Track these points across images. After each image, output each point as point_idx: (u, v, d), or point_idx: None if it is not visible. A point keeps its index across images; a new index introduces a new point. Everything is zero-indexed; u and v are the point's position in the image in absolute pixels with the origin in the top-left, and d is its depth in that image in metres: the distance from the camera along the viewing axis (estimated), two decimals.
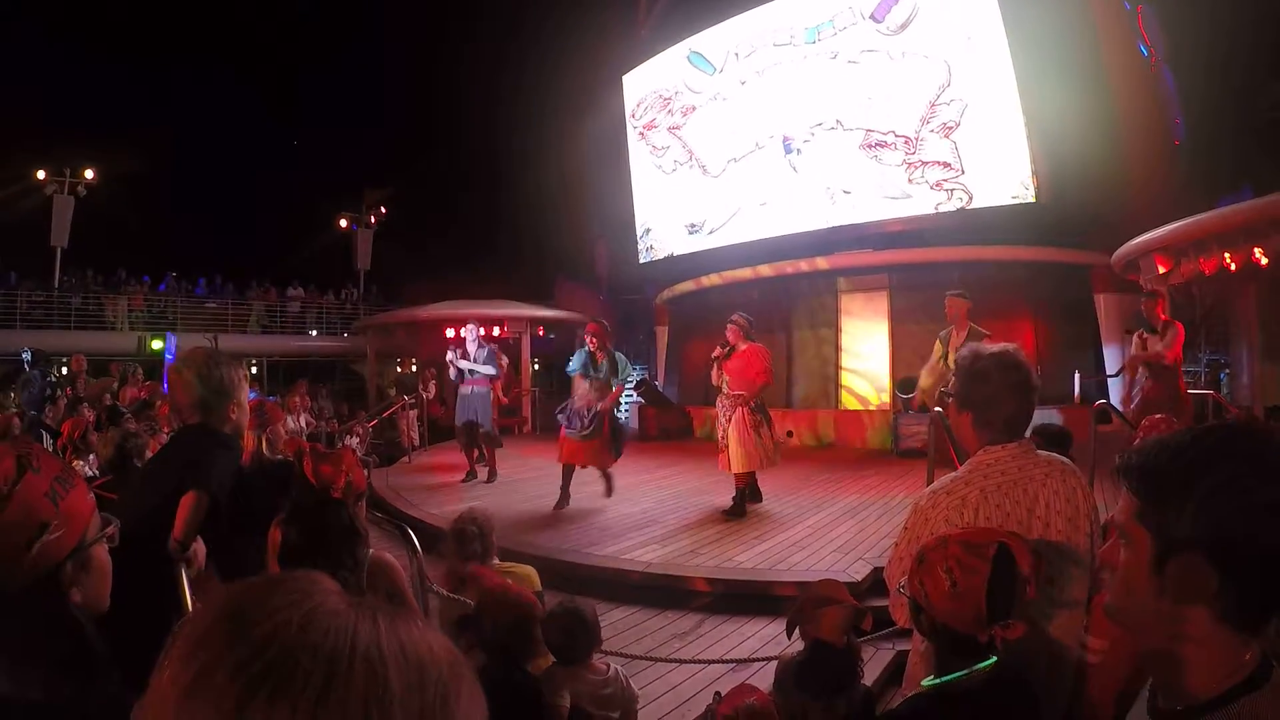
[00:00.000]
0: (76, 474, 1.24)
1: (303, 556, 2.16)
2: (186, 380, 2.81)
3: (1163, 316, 7.36)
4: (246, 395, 2.96)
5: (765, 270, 13.43)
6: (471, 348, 9.24)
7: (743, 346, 7.14)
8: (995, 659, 1.54)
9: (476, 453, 9.48)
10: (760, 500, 7.30)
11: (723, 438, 7.17)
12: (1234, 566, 0.89)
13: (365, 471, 2.54)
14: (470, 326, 9.52)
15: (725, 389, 7.20)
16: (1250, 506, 0.88)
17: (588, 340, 7.66)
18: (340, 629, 0.54)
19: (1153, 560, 0.94)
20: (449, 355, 9.33)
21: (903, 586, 1.75)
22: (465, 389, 9.25)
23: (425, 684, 0.54)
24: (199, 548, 2.61)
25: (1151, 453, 0.97)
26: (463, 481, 9.22)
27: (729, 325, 7.21)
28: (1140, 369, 7.18)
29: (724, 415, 7.19)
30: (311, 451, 2.42)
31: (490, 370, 9.23)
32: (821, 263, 12.73)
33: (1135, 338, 7.41)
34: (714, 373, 7.27)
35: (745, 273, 13.77)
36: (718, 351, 7.22)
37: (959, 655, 1.57)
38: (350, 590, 0.61)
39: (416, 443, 12.62)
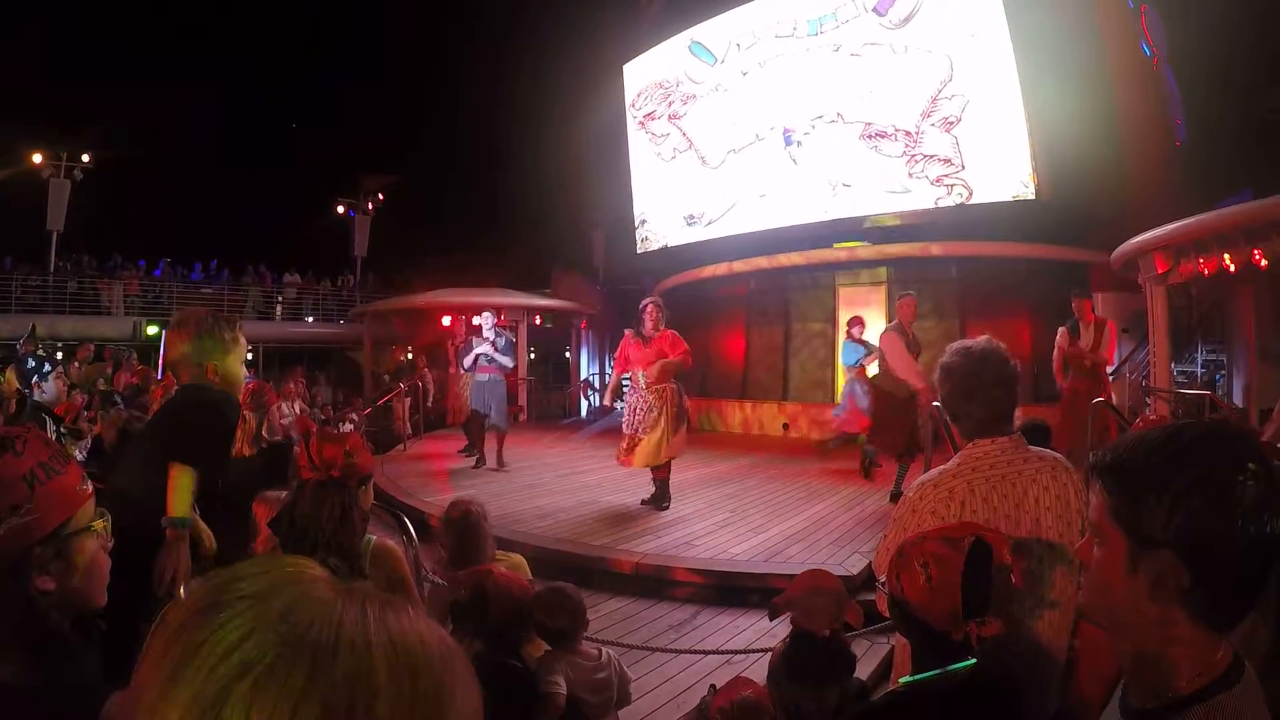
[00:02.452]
0: (72, 463, 1.21)
1: (297, 539, 2.15)
2: (182, 334, 2.80)
3: (1091, 317, 7.56)
4: (240, 358, 2.93)
5: (763, 262, 13.39)
6: (489, 334, 9.20)
7: (657, 333, 6.93)
8: (974, 660, 1.52)
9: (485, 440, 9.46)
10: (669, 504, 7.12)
11: (636, 435, 6.90)
12: (1206, 565, 0.89)
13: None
14: (487, 315, 9.47)
15: (642, 381, 6.95)
16: (1223, 505, 0.88)
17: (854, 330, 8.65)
18: (325, 618, 0.52)
19: (1126, 559, 0.94)
20: (473, 342, 9.31)
21: (881, 582, 1.73)
22: (481, 376, 9.20)
23: (416, 675, 0.53)
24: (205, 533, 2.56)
25: (1125, 450, 0.97)
26: (473, 467, 9.27)
27: (647, 309, 7.00)
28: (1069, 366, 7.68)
29: (638, 410, 6.93)
30: (319, 432, 2.38)
31: (508, 361, 9.21)
32: (820, 256, 12.70)
33: (1063, 331, 7.74)
34: (629, 367, 7.11)
35: (743, 265, 13.74)
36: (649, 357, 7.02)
37: (934, 653, 1.55)
38: (342, 576, 0.59)
39: (410, 431, 12.59)
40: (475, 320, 9.72)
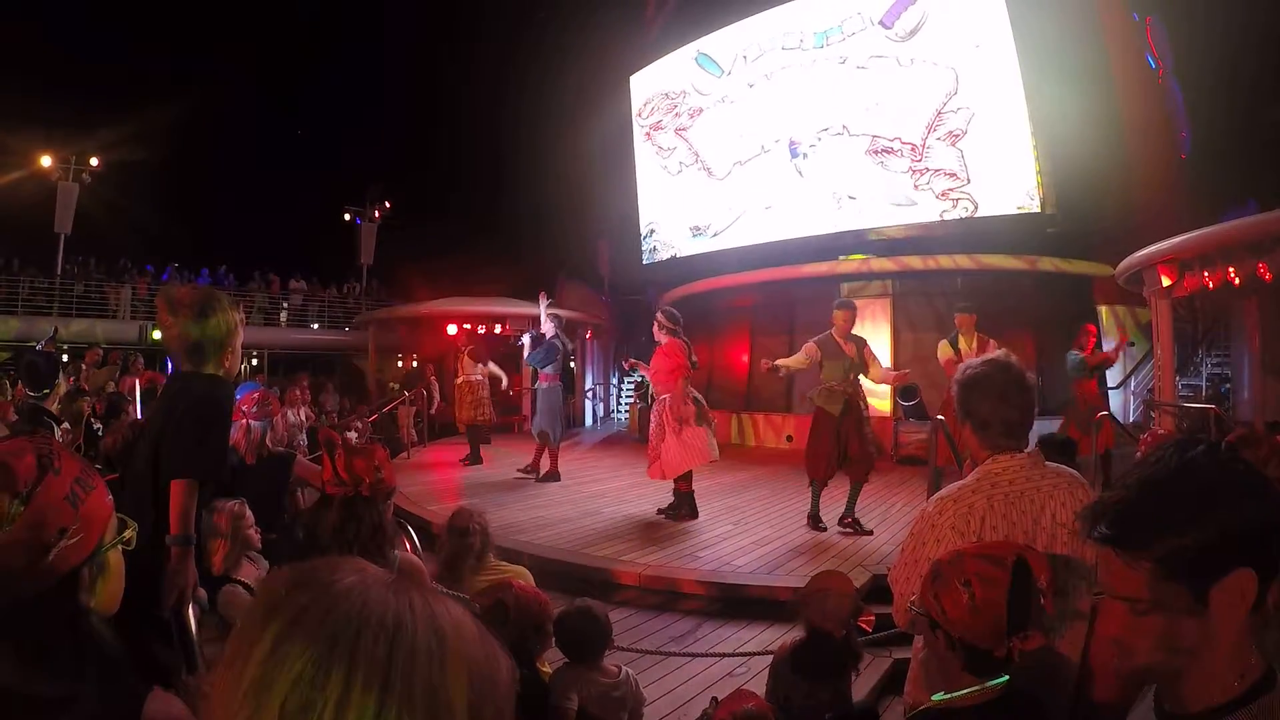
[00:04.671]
0: (96, 475, 1.21)
1: (320, 553, 2.14)
2: (181, 312, 2.66)
3: (975, 331, 7.56)
4: (239, 341, 2.79)
5: (768, 274, 13.38)
6: (546, 329, 9.35)
7: (664, 341, 6.94)
8: (1007, 677, 1.52)
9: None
10: (697, 516, 7.06)
11: (654, 446, 6.93)
12: (1268, 559, 0.92)
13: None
14: (546, 317, 9.55)
15: (653, 391, 6.99)
16: (1268, 496, 0.92)
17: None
18: (400, 592, 0.62)
19: (1190, 605, 0.93)
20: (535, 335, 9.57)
21: (913, 604, 1.73)
22: (539, 384, 9.38)
23: (467, 637, 0.63)
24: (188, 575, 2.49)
25: (1140, 513, 0.97)
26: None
27: (655, 322, 7.05)
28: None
29: (651, 422, 7.00)
30: (344, 445, 2.35)
31: (525, 355, 9.60)
32: (825, 268, 12.70)
33: (943, 345, 7.81)
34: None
35: (748, 276, 13.73)
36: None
37: (974, 670, 1.55)
38: None
39: (415, 440, 12.58)
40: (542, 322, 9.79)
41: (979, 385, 2.14)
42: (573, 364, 17.69)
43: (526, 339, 9.54)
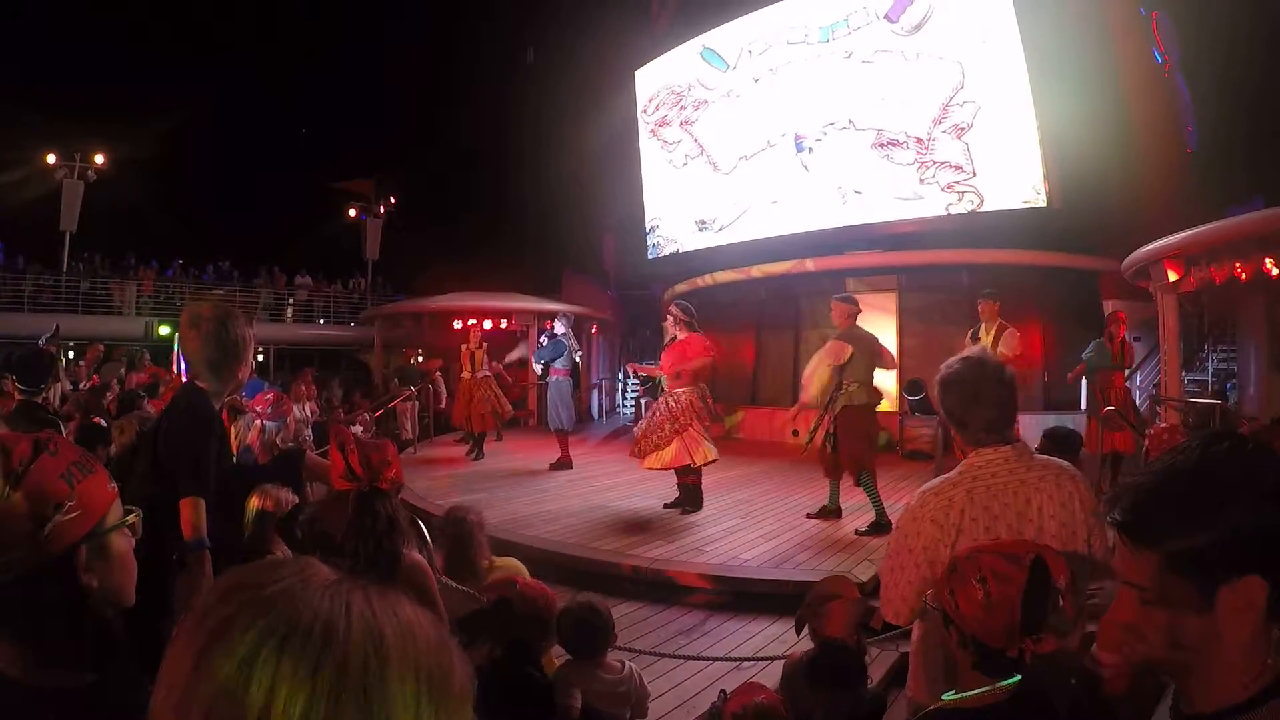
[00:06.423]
0: (99, 464, 1.23)
1: (343, 548, 2.15)
2: (198, 335, 2.74)
3: (997, 319, 7.54)
4: (251, 351, 2.92)
5: (774, 269, 13.39)
6: (559, 330, 9.63)
7: (681, 336, 6.97)
8: (1019, 676, 1.51)
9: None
10: (700, 508, 7.11)
11: (651, 436, 6.96)
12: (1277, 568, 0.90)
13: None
14: (558, 320, 9.86)
15: (664, 385, 7.03)
16: None
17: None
18: (336, 594, 0.60)
19: (1198, 602, 0.92)
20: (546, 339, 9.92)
21: (928, 599, 1.74)
22: (549, 378, 9.76)
23: (417, 640, 0.60)
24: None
25: (1158, 501, 0.95)
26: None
27: (666, 314, 7.09)
28: None
29: (656, 412, 7.01)
30: (356, 441, 2.36)
31: (535, 364, 10.06)
32: (831, 262, 12.68)
33: (968, 338, 7.65)
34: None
35: (753, 271, 13.74)
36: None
37: (984, 669, 1.54)
38: (387, 584, 0.65)
39: (415, 435, 12.50)
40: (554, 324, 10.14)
41: (953, 384, 2.17)
42: (578, 359, 17.74)
43: (544, 339, 9.72)
